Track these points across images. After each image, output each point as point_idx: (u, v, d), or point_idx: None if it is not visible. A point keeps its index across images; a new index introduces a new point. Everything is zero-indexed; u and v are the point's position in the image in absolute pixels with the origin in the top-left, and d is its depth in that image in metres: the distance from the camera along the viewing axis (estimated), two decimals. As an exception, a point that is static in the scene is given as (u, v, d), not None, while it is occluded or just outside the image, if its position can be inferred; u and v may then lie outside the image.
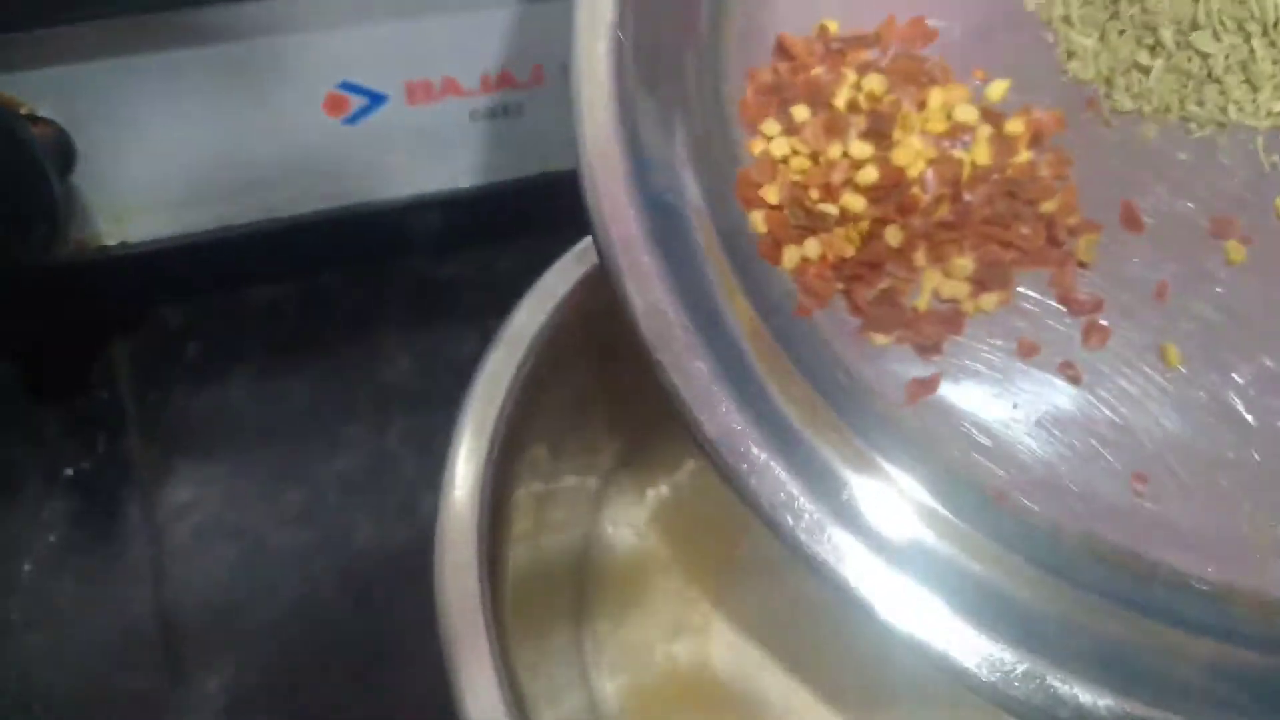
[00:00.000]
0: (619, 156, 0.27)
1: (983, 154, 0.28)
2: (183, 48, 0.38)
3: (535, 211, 0.43)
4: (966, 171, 0.28)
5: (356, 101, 0.42)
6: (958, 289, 0.27)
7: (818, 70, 0.29)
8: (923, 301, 0.27)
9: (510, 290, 0.34)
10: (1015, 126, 0.28)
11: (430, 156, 0.45)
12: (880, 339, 0.27)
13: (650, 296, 0.26)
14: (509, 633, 0.31)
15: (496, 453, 0.31)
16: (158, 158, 0.41)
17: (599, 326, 0.36)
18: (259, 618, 0.41)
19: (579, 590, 0.38)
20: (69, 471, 0.44)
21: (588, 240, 0.36)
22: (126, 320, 0.47)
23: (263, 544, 0.43)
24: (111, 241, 0.44)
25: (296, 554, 0.42)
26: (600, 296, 0.36)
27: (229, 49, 0.38)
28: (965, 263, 0.27)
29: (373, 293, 0.49)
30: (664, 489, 0.40)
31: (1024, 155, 0.28)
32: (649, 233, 0.26)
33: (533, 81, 0.43)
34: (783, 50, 0.30)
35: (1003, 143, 0.28)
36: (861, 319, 0.27)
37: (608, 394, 0.38)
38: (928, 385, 0.27)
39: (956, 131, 0.28)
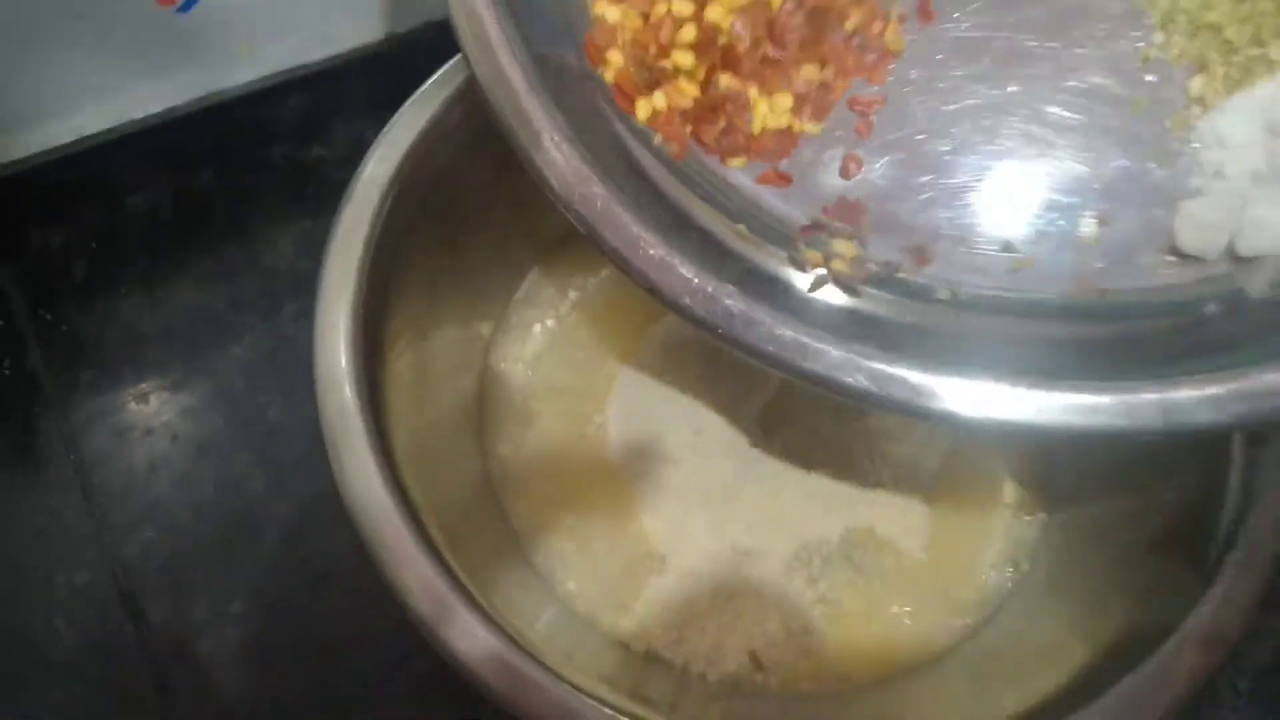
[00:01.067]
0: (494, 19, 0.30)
1: None
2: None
3: (391, 78, 0.43)
4: (777, 4, 0.31)
5: (184, -13, 0.42)
6: (781, 119, 0.31)
7: None
8: (757, 128, 0.31)
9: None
10: None
11: (273, 34, 0.45)
12: (734, 163, 0.31)
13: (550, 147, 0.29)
14: (403, 464, 0.33)
15: (363, 301, 0.33)
16: (-9, 73, 0.41)
17: (458, 166, 0.37)
18: (185, 506, 0.43)
19: (477, 425, 0.40)
20: (-22, 398, 0.45)
21: (430, 82, 0.37)
22: (8, 246, 0.48)
23: (177, 438, 0.44)
24: (-29, 168, 0.44)
25: (210, 442, 0.44)
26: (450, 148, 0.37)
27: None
28: (784, 98, 0.31)
29: (246, 184, 0.49)
30: (549, 323, 0.42)
31: None
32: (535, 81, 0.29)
33: (360, -61, 0.43)
34: None
35: None
36: (714, 153, 0.31)
37: (483, 237, 0.40)
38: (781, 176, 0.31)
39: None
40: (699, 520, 0.38)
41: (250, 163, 0.49)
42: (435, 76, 0.37)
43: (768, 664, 0.36)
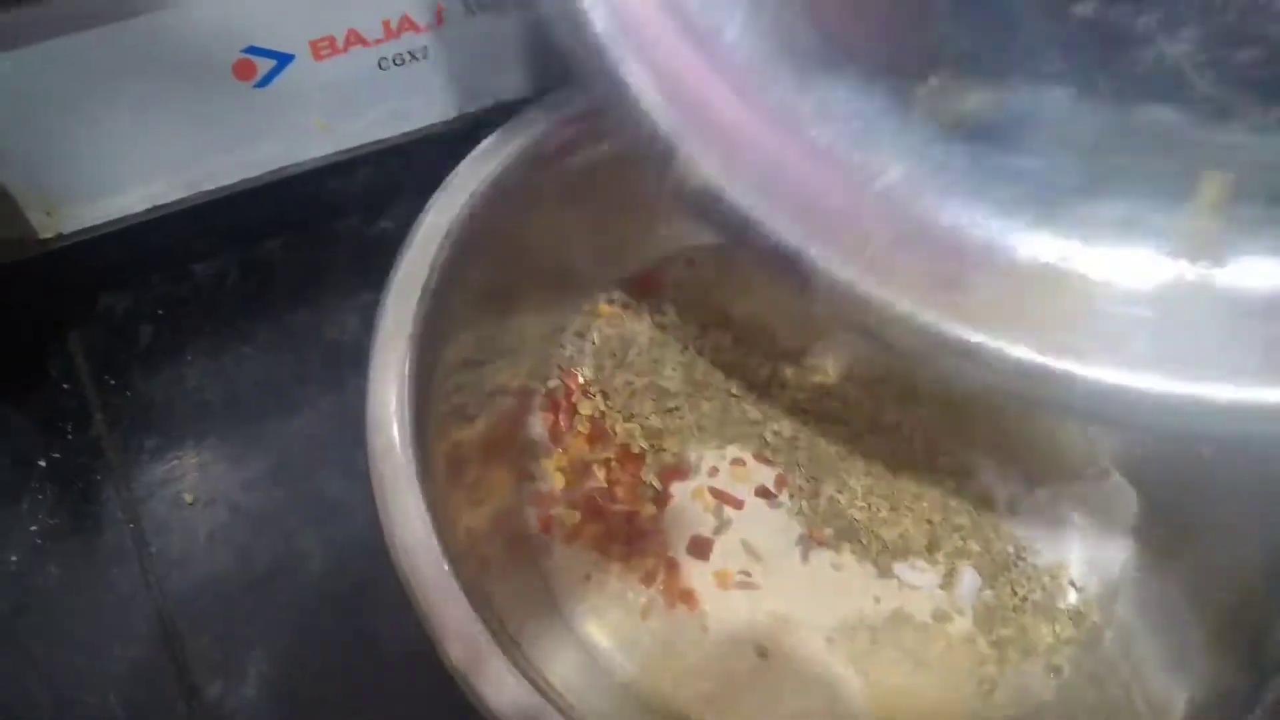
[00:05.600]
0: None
1: None
2: (83, 30, 0.38)
3: (460, 155, 0.43)
4: None
5: (264, 64, 0.42)
6: None
7: None
8: None
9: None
10: None
11: (347, 111, 0.45)
12: None
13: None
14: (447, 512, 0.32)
15: (417, 343, 0.33)
16: (73, 144, 0.41)
17: (515, 221, 0.38)
18: (242, 579, 0.43)
19: (520, 483, 0.40)
20: (41, 463, 0.45)
21: (490, 138, 0.39)
22: (77, 311, 0.48)
23: (237, 509, 0.44)
24: (48, 234, 0.44)
25: (270, 515, 0.44)
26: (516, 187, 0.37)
27: (129, 25, 0.38)
28: None
29: (312, 256, 0.49)
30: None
31: None
32: None
33: (435, 23, 0.44)
34: None
35: None
36: None
37: (534, 295, 0.40)
38: None
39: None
40: (739, 589, 0.37)
41: (317, 234, 0.50)
42: (495, 133, 0.38)
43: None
